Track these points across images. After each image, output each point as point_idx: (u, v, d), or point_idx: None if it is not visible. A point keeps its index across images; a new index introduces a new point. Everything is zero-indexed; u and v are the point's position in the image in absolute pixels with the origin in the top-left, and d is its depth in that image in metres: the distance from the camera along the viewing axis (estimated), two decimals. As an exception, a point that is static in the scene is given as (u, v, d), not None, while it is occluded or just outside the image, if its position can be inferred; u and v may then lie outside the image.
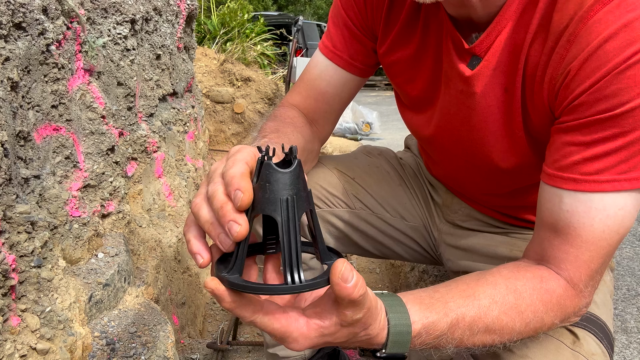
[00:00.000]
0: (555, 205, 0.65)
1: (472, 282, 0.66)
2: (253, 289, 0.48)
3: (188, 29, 1.82)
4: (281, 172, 0.48)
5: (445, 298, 0.62)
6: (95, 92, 1.03)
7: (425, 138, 0.94)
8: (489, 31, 0.70)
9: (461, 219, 1.04)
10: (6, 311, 0.66)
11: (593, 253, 0.64)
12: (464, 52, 0.73)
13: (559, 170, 0.64)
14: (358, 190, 1.08)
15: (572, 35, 0.61)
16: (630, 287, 2.06)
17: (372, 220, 1.08)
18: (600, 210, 0.62)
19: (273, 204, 0.48)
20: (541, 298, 0.65)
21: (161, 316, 0.98)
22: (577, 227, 0.63)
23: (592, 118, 0.60)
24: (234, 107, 3.62)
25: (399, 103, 0.98)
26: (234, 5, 4.98)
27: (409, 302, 0.59)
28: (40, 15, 0.79)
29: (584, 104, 0.61)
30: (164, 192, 1.46)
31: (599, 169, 0.61)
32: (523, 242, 0.96)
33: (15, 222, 0.69)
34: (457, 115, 0.80)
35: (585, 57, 0.60)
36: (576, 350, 0.71)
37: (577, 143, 0.62)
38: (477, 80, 0.73)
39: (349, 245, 1.12)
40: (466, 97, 0.76)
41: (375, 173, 1.12)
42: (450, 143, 0.87)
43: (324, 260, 0.52)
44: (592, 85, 0.59)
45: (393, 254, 1.13)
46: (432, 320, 0.59)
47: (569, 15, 0.62)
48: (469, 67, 0.73)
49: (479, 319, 0.62)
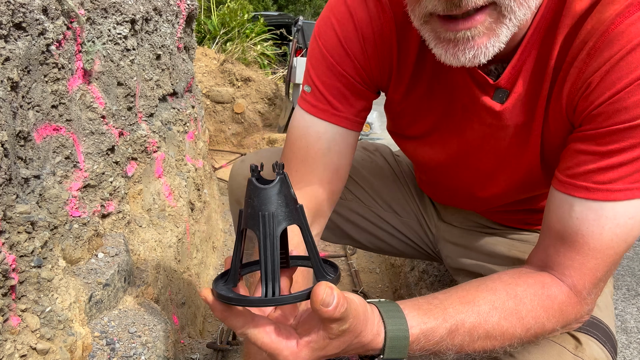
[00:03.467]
0: (565, 212, 0.65)
1: (471, 289, 0.66)
2: (231, 300, 0.50)
3: (188, 29, 1.82)
4: (260, 188, 0.49)
5: (444, 304, 0.62)
6: (95, 92, 1.03)
7: (433, 167, 0.92)
8: (514, 64, 0.68)
9: (458, 220, 1.04)
10: (6, 311, 0.66)
11: (599, 261, 0.64)
12: (487, 87, 0.72)
13: (572, 177, 0.64)
14: (349, 181, 1.07)
15: (593, 49, 0.60)
16: (630, 287, 2.06)
17: (363, 212, 1.08)
18: (611, 218, 0.62)
19: (253, 218, 0.49)
20: (542, 304, 0.64)
21: (161, 316, 0.98)
22: (585, 235, 0.63)
23: (610, 128, 0.60)
24: (234, 107, 3.62)
25: (395, 137, 0.92)
26: (234, 5, 4.98)
27: (406, 308, 0.60)
28: (40, 15, 0.79)
29: (602, 114, 0.60)
30: (164, 192, 1.45)
31: (612, 178, 0.61)
32: (520, 242, 0.96)
33: (15, 222, 0.69)
34: (482, 147, 0.79)
35: (607, 69, 0.59)
36: (579, 356, 0.71)
37: (592, 152, 0.62)
38: (508, 113, 0.72)
39: (341, 236, 1.12)
40: (496, 130, 0.75)
41: (369, 167, 1.12)
42: (466, 172, 0.86)
43: (317, 277, 0.53)
44: (612, 96, 0.59)
45: (388, 246, 1.13)
46: (430, 326, 0.59)
47: (586, 30, 0.61)
48: (496, 100, 0.72)
49: (479, 325, 0.62)
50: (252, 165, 0.50)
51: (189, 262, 1.57)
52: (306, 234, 0.52)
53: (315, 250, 0.53)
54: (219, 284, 0.54)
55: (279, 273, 0.50)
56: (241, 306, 0.52)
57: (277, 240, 0.49)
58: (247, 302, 0.51)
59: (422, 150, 0.89)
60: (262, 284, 0.50)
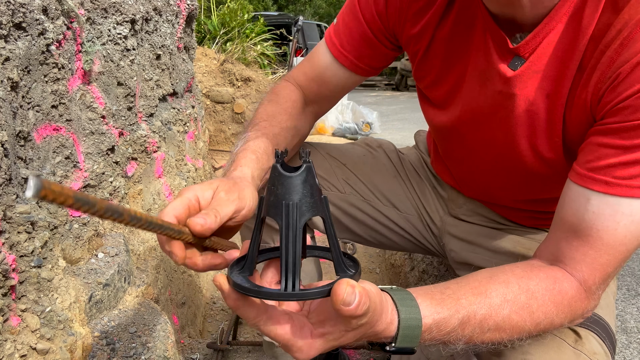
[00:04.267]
0: (581, 206, 0.64)
1: (484, 280, 0.65)
2: (248, 290, 0.48)
3: (188, 29, 1.82)
4: (285, 176, 0.47)
5: (457, 294, 0.62)
6: (95, 92, 1.03)
7: (448, 135, 0.92)
8: (537, 32, 0.68)
9: (466, 213, 1.04)
10: (6, 311, 0.66)
11: (611, 257, 0.63)
12: (506, 52, 0.71)
13: (591, 171, 0.63)
14: (349, 175, 1.08)
15: (627, 39, 0.60)
16: (630, 287, 2.06)
17: (362, 206, 1.08)
18: (627, 215, 0.61)
19: (276, 207, 0.47)
20: (553, 299, 0.64)
21: (161, 316, 0.98)
22: (600, 230, 0.63)
23: (636, 122, 0.59)
24: (234, 107, 3.62)
25: (420, 98, 0.96)
26: (234, 5, 4.97)
27: (419, 297, 0.59)
28: (41, 15, 0.79)
29: (629, 107, 0.59)
30: (164, 192, 1.45)
31: (633, 174, 0.60)
32: (527, 240, 0.95)
33: (16, 222, 0.69)
34: (494, 115, 0.78)
35: (637, 60, 0.58)
36: (578, 349, 0.71)
37: (615, 146, 0.61)
38: (518, 82, 0.71)
39: (341, 230, 1.12)
40: (504, 98, 0.74)
41: (369, 162, 1.12)
42: (478, 142, 0.85)
43: (338, 272, 0.52)
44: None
45: (387, 240, 1.13)
46: (443, 316, 0.59)
47: (624, 20, 0.60)
48: (510, 67, 0.71)
49: (490, 317, 0.62)
50: (277, 150, 0.48)
51: (189, 262, 1.57)
52: (329, 227, 0.50)
53: (337, 243, 0.51)
54: (233, 270, 0.52)
55: (300, 266, 0.48)
56: (258, 298, 0.51)
57: (300, 231, 0.47)
58: (266, 295, 0.49)
59: (440, 117, 0.90)
60: (282, 277, 0.48)
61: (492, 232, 0.99)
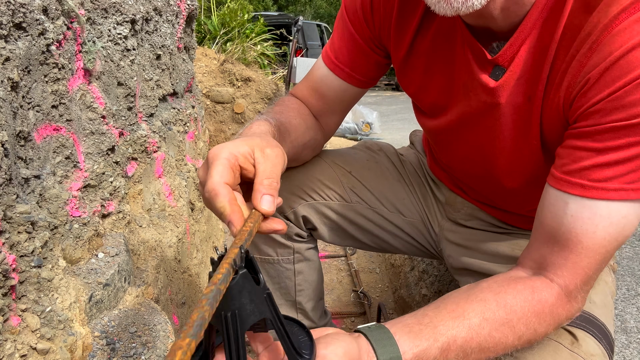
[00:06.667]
0: (560, 209, 0.65)
1: (461, 301, 0.66)
2: None
3: (188, 29, 1.82)
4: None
5: (434, 322, 0.62)
6: (95, 92, 1.03)
7: (439, 140, 0.94)
8: (513, 41, 0.68)
9: (464, 217, 1.03)
10: (6, 311, 0.66)
11: (591, 260, 0.64)
12: (486, 63, 0.72)
13: (567, 174, 0.64)
14: (355, 183, 1.08)
15: (595, 43, 0.60)
16: (630, 287, 2.06)
17: (369, 214, 1.08)
18: (605, 217, 0.61)
19: (217, 317, 0.46)
20: (533, 309, 0.65)
21: (161, 316, 0.98)
22: (579, 233, 0.63)
23: (607, 125, 0.59)
24: (234, 107, 3.62)
25: (415, 109, 0.98)
26: (234, 6, 4.98)
27: (397, 333, 0.60)
28: (41, 15, 0.79)
29: (600, 111, 0.60)
30: (164, 192, 1.46)
31: (608, 176, 0.60)
32: (525, 241, 0.96)
33: (16, 222, 0.69)
34: (481, 124, 0.79)
35: (606, 66, 0.58)
36: (574, 351, 0.71)
37: (588, 149, 0.62)
38: (502, 91, 0.72)
39: (344, 237, 1.12)
40: (490, 107, 0.75)
41: (373, 168, 1.12)
42: (468, 148, 0.86)
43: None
44: (611, 94, 0.58)
45: (391, 247, 1.13)
46: (422, 348, 0.60)
47: (593, 23, 0.60)
48: (492, 77, 0.72)
49: (471, 339, 0.62)
50: (212, 258, 0.47)
51: (189, 262, 1.58)
52: (277, 324, 0.49)
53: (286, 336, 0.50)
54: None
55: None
56: None
57: (243, 340, 0.46)
58: None
59: (432, 126, 0.91)
60: None
61: (491, 236, 0.99)
